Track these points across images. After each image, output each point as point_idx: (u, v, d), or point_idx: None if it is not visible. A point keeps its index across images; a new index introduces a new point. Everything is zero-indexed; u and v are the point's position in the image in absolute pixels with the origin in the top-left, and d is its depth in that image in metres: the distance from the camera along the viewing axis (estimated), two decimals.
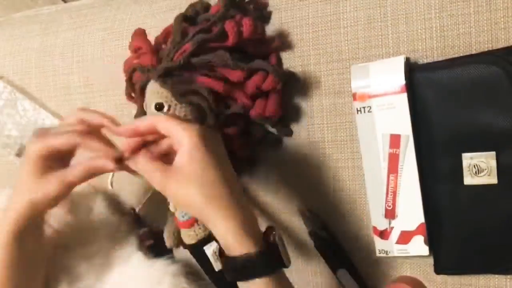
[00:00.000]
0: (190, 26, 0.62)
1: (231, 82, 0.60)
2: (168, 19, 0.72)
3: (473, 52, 0.55)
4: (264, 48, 0.63)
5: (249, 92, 0.60)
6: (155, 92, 0.60)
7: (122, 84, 0.75)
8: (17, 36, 0.85)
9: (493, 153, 0.54)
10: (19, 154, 0.85)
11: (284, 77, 0.61)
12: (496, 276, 0.58)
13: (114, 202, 0.80)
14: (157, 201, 0.76)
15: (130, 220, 0.78)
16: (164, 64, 0.60)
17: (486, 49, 0.55)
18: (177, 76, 0.60)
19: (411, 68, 0.57)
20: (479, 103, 0.54)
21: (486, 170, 0.55)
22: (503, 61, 0.53)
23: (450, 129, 0.56)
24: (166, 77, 0.59)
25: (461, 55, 0.56)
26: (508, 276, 0.58)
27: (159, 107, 0.59)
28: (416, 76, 0.56)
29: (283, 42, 0.64)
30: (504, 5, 0.54)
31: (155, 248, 0.74)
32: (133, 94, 0.68)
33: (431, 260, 0.60)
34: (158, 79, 0.59)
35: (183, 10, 0.71)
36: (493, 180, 0.55)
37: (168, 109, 0.59)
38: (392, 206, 0.59)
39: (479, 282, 0.59)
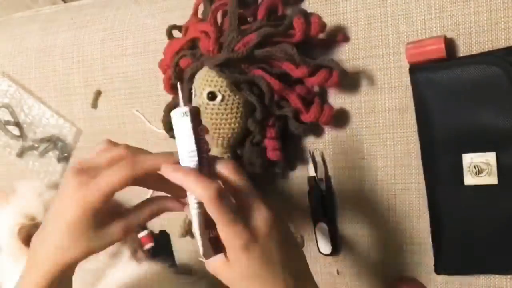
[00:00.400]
0: (245, 10, 0.60)
1: (287, 82, 0.59)
2: (168, 19, 0.72)
3: (473, 52, 0.55)
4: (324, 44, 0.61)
5: (303, 93, 0.59)
6: (209, 80, 0.58)
7: (122, 84, 0.76)
8: (17, 36, 0.85)
9: (493, 153, 0.54)
10: (20, 154, 0.85)
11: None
12: (497, 276, 0.58)
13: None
14: None
15: None
16: (225, 53, 0.58)
17: (486, 49, 0.55)
18: (233, 67, 0.58)
19: (412, 68, 0.57)
20: (479, 104, 0.54)
21: (486, 171, 0.55)
22: (503, 61, 0.53)
23: (450, 129, 0.56)
24: (223, 66, 0.58)
25: (461, 55, 0.56)
26: (508, 276, 0.58)
27: (212, 96, 0.58)
28: (417, 76, 0.56)
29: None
30: (504, 5, 0.54)
31: (155, 250, 0.74)
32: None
33: (431, 261, 0.60)
34: (215, 68, 0.57)
35: (183, 10, 0.71)
36: (493, 180, 0.55)
37: (222, 99, 0.58)
38: None
39: (479, 282, 0.59)
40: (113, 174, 0.44)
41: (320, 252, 0.65)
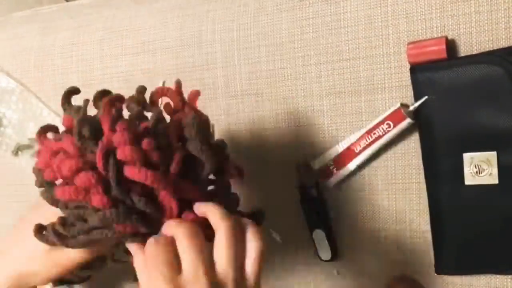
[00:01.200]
0: None
1: None
2: (168, 19, 0.72)
3: (474, 52, 0.55)
4: None
5: None
6: None
7: (121, 83, 0.76)
8: (17, 36, 0.85)
9: (494, 153, 0.54)
10: (15, 152, 0.84)
11: None
12: (497, 276, 0.58)
13: None
14: None
15: None
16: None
17: (487, 49, 0.55)
18: None
19: (412, 68, 0.57)
20: (480, 103, 0.54)
21: (487, 170, 0.55)
22: (504, 61, 0.53)
23: (451, 129, 0.55)
24: None
25: (462, 55, 0.56)
26: (509, 276, 0.58)
27: None
28: (417, 76, 0.56)
29: None
30: (505, 5, 0.54)
31: None
32: None
33: (431, 260, 0.60)
34: None
35: (182, 10, 0.71)
36: (494, 180, 0.55)
37: None
38: None
39: (480, 282, 0.59)
40: None
41: (320, 259, 0.66)
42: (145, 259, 0.44)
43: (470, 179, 0.55)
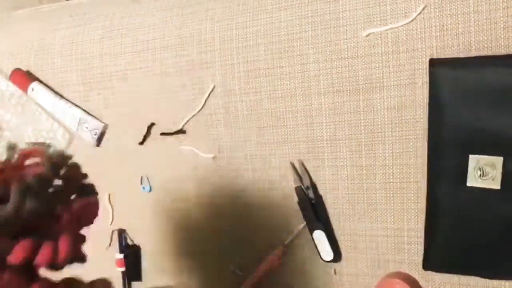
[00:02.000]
0: None
1: None
2: (167, 17, 0.72)
3: (473, 51, 0.55)
4: None
5: None
6: None
7: (121, 82, 0.76)
8: (17, 34, 0.85)
9: (501, 158, 0.53)
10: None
11: None
12: None
13: None
14: None
15: None
16: None
17: (485, 48, 0.55)
18: None
19: (432, 61, 0.56)
20: (494, 107, 0.53)
21: (491, 175, 0.54)
22: None
23: (462, 128, 0.55)
24: None
25: (461, 54, 0.56)
26: None
27: None
28: (436, 71, 0.55)
29: None
30: (504, 4, 0.54)
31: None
32: None
33: None
34: None
35: (181, 8, 0.72)
36: (496, 185, 0.54)
37: None
38: None
39: (477, 282, 0.58)
40: None
41: (322, 259, 0.65)
42: None
43: (472, 180, 0.55)
